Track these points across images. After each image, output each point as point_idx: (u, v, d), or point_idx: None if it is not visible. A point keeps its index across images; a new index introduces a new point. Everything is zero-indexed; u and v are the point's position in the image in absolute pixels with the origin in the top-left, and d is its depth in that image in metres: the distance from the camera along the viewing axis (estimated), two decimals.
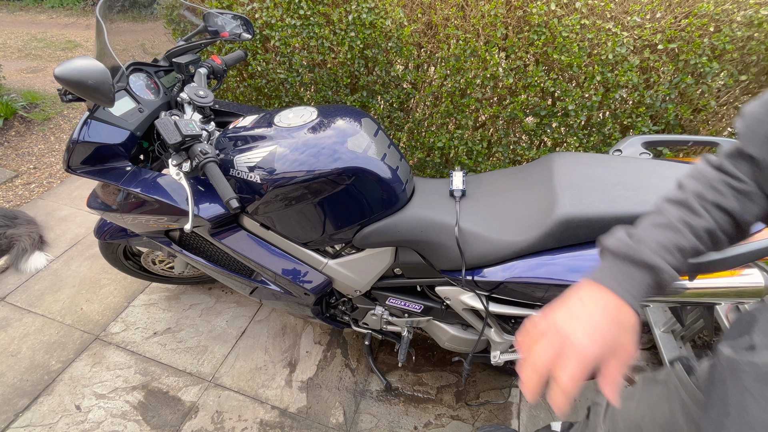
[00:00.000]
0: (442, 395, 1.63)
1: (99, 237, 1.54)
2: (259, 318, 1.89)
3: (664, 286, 0.50)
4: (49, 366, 1.66)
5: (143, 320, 1.86)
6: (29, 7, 6.39)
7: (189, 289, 2.01)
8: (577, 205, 0.97)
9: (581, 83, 1.63)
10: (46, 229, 2.27)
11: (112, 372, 1.66)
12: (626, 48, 1.48)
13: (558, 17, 1.53)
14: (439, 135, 1.86)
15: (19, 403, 1.54)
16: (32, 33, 5.42)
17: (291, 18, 1.76)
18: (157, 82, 1.31)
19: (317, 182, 1.07)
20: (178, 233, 1.40)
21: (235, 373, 1.67)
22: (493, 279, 1.11)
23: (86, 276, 2.04)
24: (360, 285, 1.33)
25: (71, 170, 1.19)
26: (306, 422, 1.53)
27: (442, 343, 1.46)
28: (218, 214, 1.17)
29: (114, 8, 1.25)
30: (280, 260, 1.28)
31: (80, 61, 0.92)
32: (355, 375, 1.69)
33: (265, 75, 1.96)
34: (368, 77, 1.85)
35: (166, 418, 1.52)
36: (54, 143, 3.11)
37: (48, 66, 4.41)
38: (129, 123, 1.19)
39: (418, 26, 1.70)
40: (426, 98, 1.85)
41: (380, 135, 1.19)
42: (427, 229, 1.14)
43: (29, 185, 2.66)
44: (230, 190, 0.97)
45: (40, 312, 1.87)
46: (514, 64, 1.64)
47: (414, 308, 1.37)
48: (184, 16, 1.52)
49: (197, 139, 1.05)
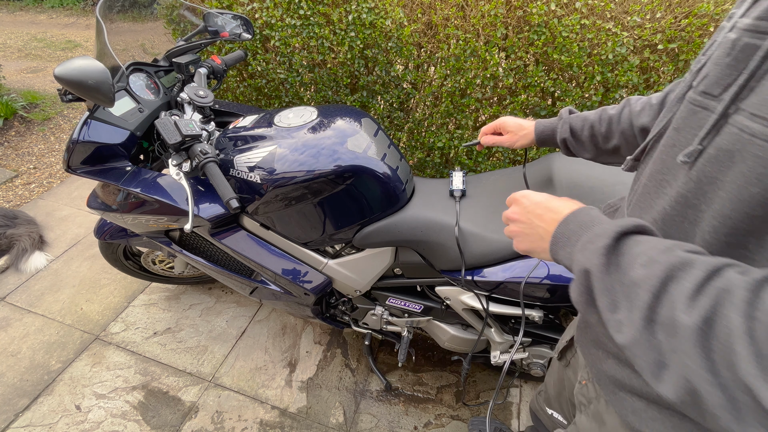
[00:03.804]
0: (442, 395, 1.63)
1: (99, 237, 1.54)
2: (259, 318, 1.89)
3: None
4: (49, 366, 1.66)
5: (143, 320, 1.86)
6: (29, 7, 6.39)
7: (189, 289, 2.01)
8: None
9: (581, 83, 1.63)
10: (46, 229, 2.27)
11: (112, 372, 1.66)
12: (626, 48, 1.48)
13: (558, 17, 1.53)
14: (439, 135, 1.86)
15: (19, 403, 1.54)
16: (32, 33, 5.42)
17: (291, 18, 1.76)
18: (157, 82, 1.31)
19: (317, 182, 1.07)
20: (178, 233, 1.40)
21: (235, 373, 1.67)
22: (493, 279, 1.11)
23: (86, 276, 2.04)
24: (360, 285, 1.33)
25: (71, 170, 1.19)
26: (306, 422, 1.53)
27: (442, 343, 1.46)
28: (218, 214, 1.17)
29: (114, 8, 1.25)
30: (280, 260, 1.28)
31: (80, 61, 0.92)
32: (355, 375, 1.69)
33: (265, 75, 1.96)
34: (368, 77, 1.85)
35: (166, 418, 1.52)
36: (54, 143, 3.11)
37: (48, 66, 4.41)
38: (129, 123, 1.19)
39: (418, 26, 1.70)
40: (426, 98, 1.85)
41: (380, 135, 1.19)
42: (427, 229, 1.14)
43: (29, 185, 2.66)
44: (230, 190, 0.97)
45: (40, 312, 1.87)
46: (514, 64, 1.64)
47: (414, 308, 1.37)
48: (184, 16, 1.52)
49: (197, 139, 1.05)
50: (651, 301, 0.35)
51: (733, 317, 0.30)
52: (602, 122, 0.79)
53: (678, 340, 0.33)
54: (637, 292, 0.37)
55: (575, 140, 0.85)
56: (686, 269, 0.35)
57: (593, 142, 0.82)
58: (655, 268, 0.36)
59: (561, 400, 0.97)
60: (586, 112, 0.85)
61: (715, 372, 0.31)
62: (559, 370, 0.95)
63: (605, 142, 0.79)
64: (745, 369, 0.29)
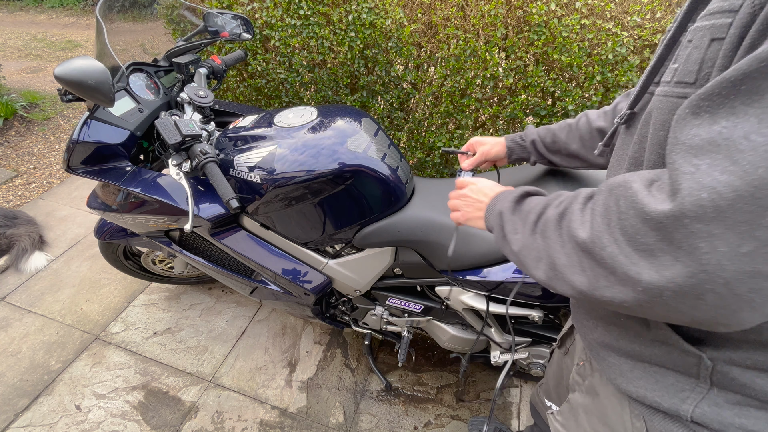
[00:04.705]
0: (442, 395, 1.63)
1: (99, 237, 1.54)
2: (259, 318, 1.89)
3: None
4: (49, 366, 1.66)
5: (143, 320, 1.86)
6: (29, 7, 6.39)
7: (189, 289, 2.01)
8: None
9: (581, 83, 1.63)
10: (46, 229, 2.27)
11: (112, 372, 1.66)
12: (626, 48, 1.48)
13: (558, 17, 1.53)
14: (439, 135, 1.86)
15: (19, 403, 1.54)
16: (32, 33, 5.42)
17: (291, 18, 1.76)
18: (157, 82, 1.31)
19: (317, 182, 1.07)
20: (178, 233, 1.40)
21: (235, 373, 1.67)
22: (493, 279, 1.11)
23: (86, 276, 2.04)
24: (360, 285, 1.33)
25: (71, 170, 1.19)
26: (306, 422, 1.53)
27: (442, 343, 1.46)
28: (218, 214, 1.17)
29: (114, 8, 1.25)
30: (280, 260, 1.28)
31: (80, 61, 0.92)
32: (355, 375, 1.69)
33: (265, 75, 1.96)
34: (368, 77, 1.85)
35: (166, 418, 1.52)
36: (54, 143, 3.11)
37: (48, 66, 4.42)
38: (129, 123, 1.19)
39: (418, 26, 1.70)
40: (426, 98, 1.85)
41: (380, 135, 1.19)
42: (427, 229, 1.14)
43: (29, 185, 2.66)
44: (230, 190, 0.97)
45: (40, 312, 1.87)
46: (514, 64, 1.64)
47: (414, 308, 1.37)
48: (184, 16, 1.52)
49: (197, 139, 1.05)
50: (535, 218, 0.57)
51: (575, 210, 0.50)
52: (562, 129, 0.98)
53: (547, 238, 0.53)
54: (528, 216, 0.58)
55: (542, 142, 1.02)
56: (556, 201, 0.56)
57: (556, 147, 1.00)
58: (539, 204, 0.58)
59: (559, 389, 0.98)
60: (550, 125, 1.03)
61: (563, 245, 0.50)
62: (559, 359, 0.97)
63: (565, 146, 0.97)
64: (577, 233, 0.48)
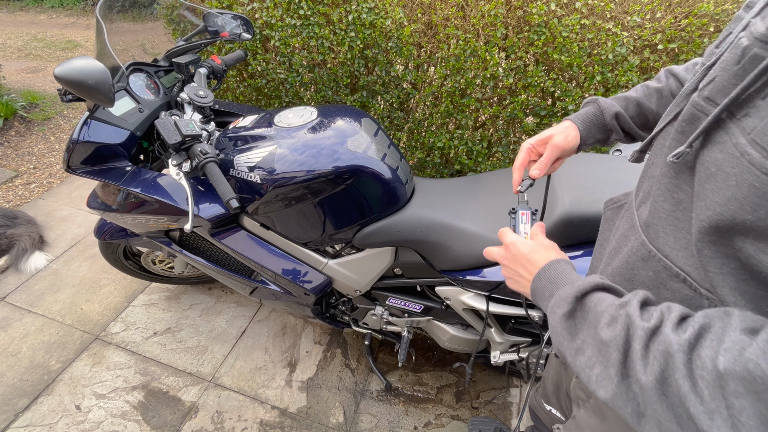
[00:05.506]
0: (442, 395, 1.63)
1: (99, 237, 1.54)
2: (259, 318, 1.89)
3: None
4: (49, 366, 1.66)
5: (143, 320, 1.86)
6: (29, 7, 6.39)
7: (189, 289, 2.01)
8: (577, 205, 0.97)
9: (581, 83, 1.63)
10: (46, 229, 2.27)
11: (112, 372, 1.66)
12: (626, 48, 1.48)
13: (558, 17, 1.53)
14: (439, 135, 1.86)
15: (19, 403, 1.54)
16: (32, 33, 5.42)
17: (291, 18, 1.76)
18: (157, 82, 1.31)
19: (317, 182, 1.07)
20: (178, 233, 1.40)
21: (235, 373, 1.67)
22: (493, 279, 1.11)
23: (86, 276, 2.04)
24: (360, 285, 1.33)
25: (71, 170, 1.19)
26: (306, 422, 1.53)
27: (442, 343, 1.46)
28: (218, 214, 1.17)
29: (114, 8, 1.25)
30: (280, 260, 1.28)
31: (80, 61, 0.92)
32: (355, 375, 1.69)
33: (265, 75, 1.96)
34: (368, 77, 1.85)
35: (166, 418, 1.52)
36: (54, 143, 3.11)
37: (48, 66, 4.41)
38: (129, 123, 1.19)
39: (418, 26, 1.70)
40: (426, 98, 1.85)
41: (380, 135, 1.19)
42: (427, 229, 1.14)
43: (29, 185, 2.65)
44: (230, 190, 0.97)
45: (40, 312, 1.87)
46: (514, 64, 1.64)
47: (414, 308, 1.37)
48: (184, 16, 1.52)
49: (197, 139, 1.05)
50: (621, 358, 0.40)
51: (679, 379, 0.35)
52: (649, 96, 0.71)
53: (646, 395, 0.38)
54: (608, 350, 0.41)
55: (628, 116, 0.72)
56: (634, 329, 0.40)
57: (644, 120, 0.72)
58: (617, 328, 0.41)
59: (559, 395, 0.97)
60: (619, 94, 0.76)
61: (680, 423, 0.36)
62: (557, 366, 0.95)
63: (656, 117, 0.70)
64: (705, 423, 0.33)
